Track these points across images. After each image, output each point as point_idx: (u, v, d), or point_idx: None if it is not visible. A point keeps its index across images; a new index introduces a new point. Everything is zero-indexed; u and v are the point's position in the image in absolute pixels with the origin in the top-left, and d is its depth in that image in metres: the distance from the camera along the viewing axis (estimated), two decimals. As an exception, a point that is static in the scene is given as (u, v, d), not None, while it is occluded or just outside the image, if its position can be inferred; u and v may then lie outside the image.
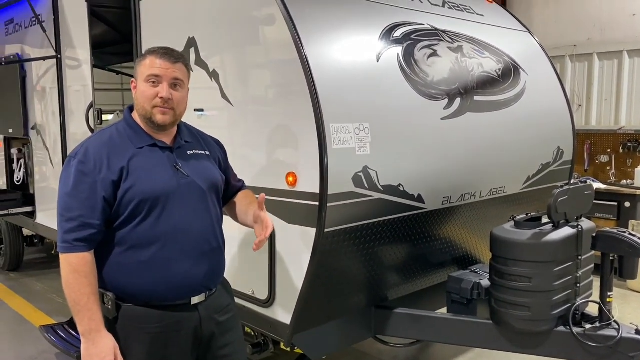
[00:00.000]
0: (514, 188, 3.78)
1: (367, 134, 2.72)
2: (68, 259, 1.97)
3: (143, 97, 2.08)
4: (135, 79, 2.13)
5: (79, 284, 1.95)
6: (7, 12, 5.67)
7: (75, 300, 1.96)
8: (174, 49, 2.16)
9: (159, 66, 2.06)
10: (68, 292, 1.97)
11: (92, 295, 1.97)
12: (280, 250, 2.82)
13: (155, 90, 2.06)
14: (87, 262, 1.98)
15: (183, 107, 2.16)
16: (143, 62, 2.10)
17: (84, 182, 1.99)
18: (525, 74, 3.96)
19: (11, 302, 5.64)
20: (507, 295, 2.88)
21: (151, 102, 2.07)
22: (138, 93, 2.10)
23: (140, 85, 2.10)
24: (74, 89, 4.73)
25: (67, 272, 1.97)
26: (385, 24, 3.15)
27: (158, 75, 2.06)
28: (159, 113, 2.07)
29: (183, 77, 2.13)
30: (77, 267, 1.96)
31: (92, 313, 1.96)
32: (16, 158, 5.92)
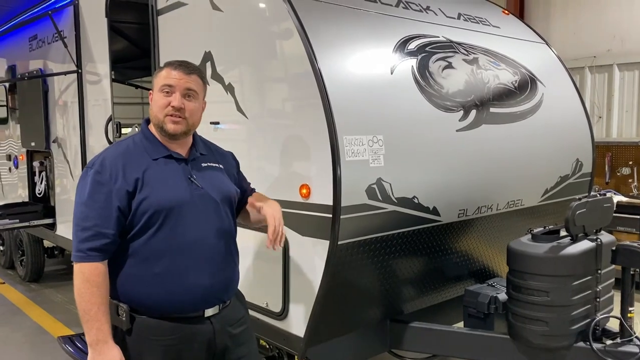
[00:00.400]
0: (532, 201, 3.73)
1: (380, 146, 2.72)
2: (81, 268, 1.98)
3: (156, 106, 2.12)
4: (152, 91, 2.17)
5: (90, 293, 1.96)
6: (32, 28, 5.81)
7: (84, 310, 1.97)
8: (189, 62, 2.19)
9: (173, 77, 2.10)
10: (79, 300, 1.98)
11: (102, 306, 1.98)
12: (293, 263, 2.81)
13: (167, 100, 2.09)
14: (99, 272, 1.99)
15: (196, 117, 2.18)
16: (159, 74, 2.14)
17: (100, 192, 2.01)
18: (542, 86, 3.93)
19: (31, 312, 5.71)
20: (524, 310, 2.84)
21: (163, 110, 2.09)
22: (152, 102, 2.14)
23: (154, 94, 2.14)
24: (94, 102, 4.82)
25: (79, 281, 1.98)
26: (400, 37, 3.16)
27: (171, 85, 2.09)
28: (170, 122, 2.10)
29: (197, 88, 2.15)
30: (89, 277, 1.97)
31: (100, 323, 1.97)
32: (38, 171, 6.03)
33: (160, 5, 3.69)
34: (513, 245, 2.93)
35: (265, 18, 2.97)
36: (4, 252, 7.48)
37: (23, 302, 6.06)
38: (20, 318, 5.56)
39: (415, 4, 3.58)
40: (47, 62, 5.59)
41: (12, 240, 7.03)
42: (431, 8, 3.68)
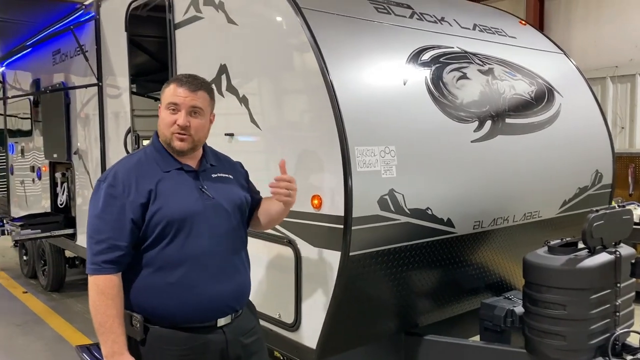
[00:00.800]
0: (550, 212, 3.67)
1: (393, 156, 2.71)
2: (96, 281, 2.01)
3: (163, 124, 2.15)
4: (160, 105, 2.20)
5: (105, 305, 1.99)
6: (55, 43, 5.95)
7: (100, 322, 1.99)
8: (197, 76, 2.21)
9: (178, 94, 2.12)
10: (94, 313, 2.01)
11: (117, 318, 2.00)
12: (305, 274, 2.81)
13: (173, 118, 2.12)
14: (114, 284, 2.01)
15: (202, 133, 2.20)
16: (166, 90, 2.16)
17: (113, 205, 2.03)
18: (560, 96, 3.89)
19: (52, 321, 5.80)
20: (541, 323, 2.78)
21: (170, 128, 2.12)
22: (159, 120, 2.18)
23: (161, 112, 2.17)
24: (114, 115, 4.90)
25: (94, 293, 2.01)
26: (413, 48, 3.16)
27: (177, 104, 2.12)
28: (176, 139, 2.13)
29: (203, 105, 2.16)
30: (104, 289, 2.00)
31: (115, 335, 1.98)
32: (60, 182, 6.14)
33: (177, 19, 3.75)
34: (529, 257, 2.88)
35: (279, 31, 3.00)
36: (27, 261, 7.62)
37: (44, 311, 6.16)
38: (41, 327, 5.65)
39: (429, 15, 3.58)
40: (69, 75, 5.72)
41: (35, 250, 7.16)
42: (446, 19, 3.67)
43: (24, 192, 7.22)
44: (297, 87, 2.91)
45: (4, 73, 7.74)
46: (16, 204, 7.53)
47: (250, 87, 3.16)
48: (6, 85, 7.72)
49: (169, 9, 3.80)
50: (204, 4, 3.44)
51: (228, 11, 3.24)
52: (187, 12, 3.62)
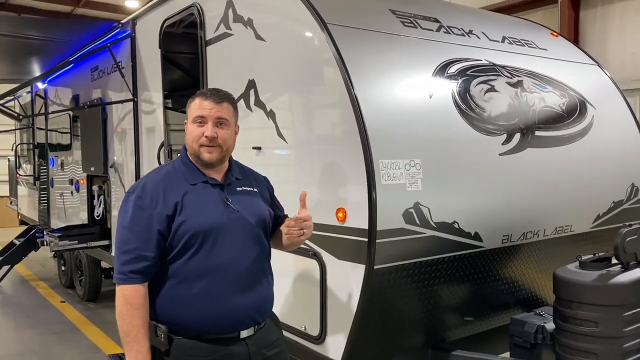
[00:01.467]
0: (582, 227, 3.59)
1: (418, 169, 2.71)
2: (123, 290, 2.06)
3: (191, 137, 2.20)
4: (186, 120, 2.25)
5: (131, 315, 2.03)
6: (93, 60, 6.16)
7: (125, 331, 2.03)
8: (220, 89, 2.27)
9: (204, 107, 2.17)
10: (120, 322, 2.05)
11: (142, 328, 2.04)
12: (330, 286, 2.82)
13: (201, 130, 2.17)
14: (140, 294, 2.05)
15: (229, 144, 2.24)
16: (192, 104, 2.22)
17: (141, 216, 2.08)
18: (593, 108, 3.82)
19: (87, 331, 5.94)
20: (572, 341, 2.72)
21: (198, 141, 2.17)
22: (187, 133, 2.22)
23: (189, 125, 2.22)
24: (148, 129, 5.04)
25: (120, 302, 2.05)
26: (440, 61, 3.17)
27: (203, 116, 2.17)
28: (205, 151, 2.17)
29: (228, 116, 2.22)
30: (131, 299, 2.04)
31: (140, 345, 2.02)
32: (97, 194, 6.31)
33: (208, 36, 3.85)
34: (559, 272, 2.83)
35: (304, 47, 3.05)
36: (65, 272, 7.84)
37: (80, 320, 6.32)
38: (77, 336, 5.79)
39: (457, 28, 3.58)
40: (107, 91, 5.91)
41: (73, 260, 7.37)
42: (474, 32, 3.66)
43: (63, 204, 7.46)
44: (323, 102, 2.94)
45: (46, 89, 8.05)
46: (55, 216, 7.77)
47: (277, 101, 3.21)
48: (48, 101, 8.02)
49: (201, 26, 3.90)
50: (234, 20, 3.52)
51: (257, 28, 3.32)
52: (217, 29, 3.72)
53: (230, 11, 3.56)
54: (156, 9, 4.71)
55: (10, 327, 6.23)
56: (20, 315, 6.65)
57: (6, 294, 7.83)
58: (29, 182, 9.31)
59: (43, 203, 8.21)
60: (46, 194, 8.13)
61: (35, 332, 5.96)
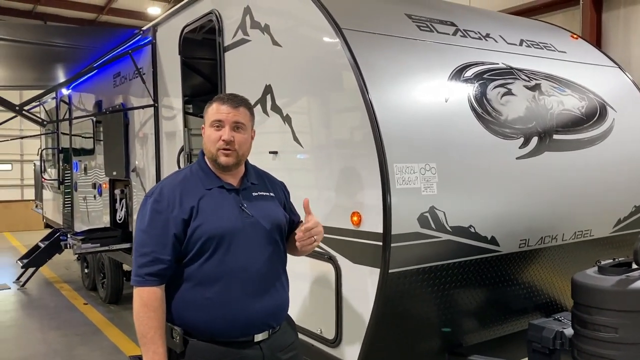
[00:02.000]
0: (603, 231, 3.54)
1: (433, 174, 2.71)
2: (140, 293, 2.08)
3: (209, 141, 2.23)
4: (204, 125, 2.28)
5: (147, 317, 2.05)
6: (115, 66, 6.29)
7: (142, 333, 2.05)
8: (237, 94, 2.30)
9: (222, 111, 2.21)
10: (137, 324, 2.07)
11: (159, 330, 2.06)
12: (346, 290, 2.83)
13: (218, 134, 2.20)
14: (157, 297, 2.08)
15: (245, 148, 2.27)
16: (209, 109, 2.25)
17: (158, 220, 2.11)
18: (613, 111, 3.77)
19: (109, 332, 6.04)
20: (591, 347, 2.68)
21: (215, 144, 2.20)
22: (205, 137, 2.25)
23: (206, 130, 2.25)
24: (169, 134, 5.11)
25: (137, 305, 2.08)
26: (456, 65, 3.16)
27: (221, 120, 2.20)
28: (222, 155, 2.20)
29: (245, 120, 2.25)
30: (147, 301, 2.06)
31: (156, 347, 2.04)
32: (119, 198, 6.43)
33: (226, 42, 3.90)
34: (578, 277, 2.79)
35: (319, 52, 3.07)
36: (88, 274, 7.98)
37: (102, 322, 6.43)
38: (99, 337, 5.90)
39: (474, 32, 3.57)
40: (128, 97, 6.02)
41: (95, 263, 7.50)
42: (491, 35, 3.65)
43: (86, 208, 7.60)
44: (338, 107, 2.96)
45: (70, 95, 8.22)
46: (79, 219, 7.92)
47: (293, 106, 3.24)
48: (72, 106, 8.19)
49: (219, 32, 3.96)
50: (251, 27, 3.57)
51: (273, 33, 3.35)
52: (235, 35, 3.77)
53: (247, 17, 3.61)
54: (176, 16, 4.79)
55: (36, 328, 6.37)
56: (45, 316, 6.79)
57: (32, 295, 8.00)
58: (53, 186, 9.51)
59: (67, 206, 8.38)
60: (70, 198, 8.30)
61: (59, 333, 6.08)
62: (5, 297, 7.93)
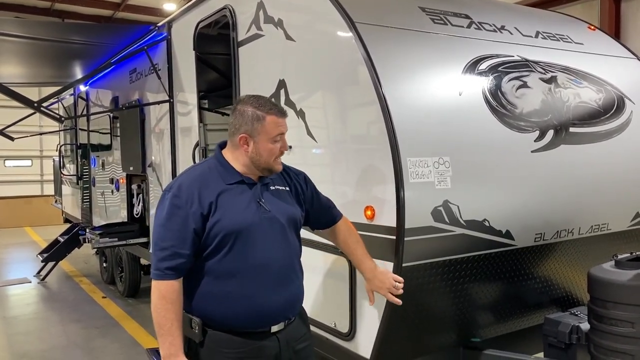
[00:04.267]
0: (620, 225, 3.50)
1: (447, 167, 2.70)
2: (158, 286, 2.13)
3: (269, 154, 2.26)
4: (251, 136, 2.24)
5: (165, 309, 2.10)
6: (131, 62, 6.34)
7: (159, 324, 2.11)
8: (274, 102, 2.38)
9: (282, 124, 2.29)
10: (155, 315, 2.13)
11: (176, 322, 2.11)
12: (360, 284, 2.83)
13: (279, 146, 2.29)
14: (174, 289, 2.13)
15: None
16: (265, 123, 2.24)
17: (177, 215, 2.15)
18: (632, 103, 3.71)
19: (127, 325, 6.13)
20: (607, 341, 2.66)
21: (274, 156, 2.28)
22: (261, 149, 2.25)
23: (264, 143, 2.25)
24: (184, 129, 5.15)
25: (156, 297, 2.13)
26: (470, 58, 3.14)
27: (284, 133, 2.30)
28: (277, 164, 2.31)
29: None
30: (165, 294, 2.11)
31: (173, 338, 2.10)
32: (135, 193, 6.49)
33: (240, 37, 3.91)
34: (594, 271, 2.77)
35: (333, 46, 3.07)
36: (106, 268, 8.09)
37: (121, 315, 6.52)
38: (117, 330, 5.99)
39: (489, 24, 3.54)
40: (144, 92, 6.08)
41: (113, 257, 7.60)
42: (506, 27, 3.61)
43: (104, 203, 7.70)
44: (351, 101, 2.96)
45: (87, 92, 8.32)
46: (97, 214, 8.03)
47: (306, 101, 3.25)
48: (89, 102, 8.28)
49: (233, 27, 3.97)
50: (265, 21, 3.58)
51: (286, 28, 3.36)
52: (249, 30, 3.78)
53: (261, 12, 3.61)
54: (190, 12, 4.81)
55: (56, 320, 6.48)
56: (65, 309, 6.91)
57: (52, 289, 8.14)
58: (72, 181, 9.64)
59: (85, 201, 8.49)
60: (88, 193, 8.41)
61: (79, 326, 6.18)
62: (26, 290, 8.09)
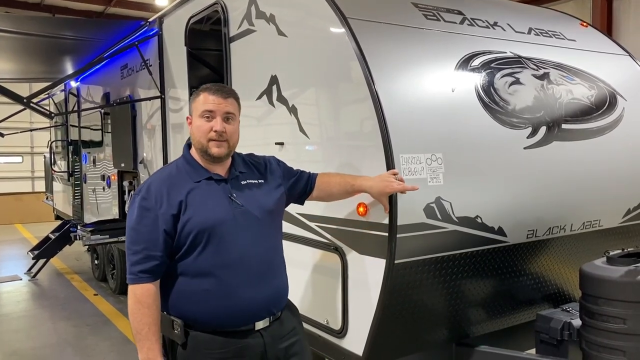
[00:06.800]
0: (611, 221, 3.51)
1: (439, 164, 2.69)
2: (134, 290, 2.10)
3: (199, 132, 2.21)
4: (190, 115, 2.27)
5: (141, 314, 2.07)
6: (123, 58, 6.29)
7: (137, 330, 2.08)
8: (225, 85, 2.28)
9: (212, 102, 2.20)
10: (132, 320, 2.10)
11: (153, 326, 2.08)
12: (352, 281, 2.83)
13: (209, 125, 2.19)
14: (150, 293, 2.09)
15: (236, 138, 2.28)
16: (197, 99, 2.24)
17: (147, 217, 2.11)
18: (624, 100, 3.72)
19: (118, 323, 6.10)
20: (598, 337, 2.67)
21: (206, 135, 2.19)
22: (194, 128, 2.23)
23: (195, 120, 2.23)
24: (176, 126, 5.12)
25: (132, 302, 2.10)
26: (462, 54, 3.13)
27: (212, 110, 2.19)
28: (214, 146, 2.19)
29: (234, 110, 2.26)
30: (141, 298, 2.08)
31: (150, 343, 2.07)
32: (127, 190, 6.45)
33: (232, 33, 3.89)
34: (586, 268, 2.77)
35: (325, 42, 3.04)
36: (98, 265, 8.05)
37: (112, 313, 6.48)
38: (109, 328, 5.95)
39: (481, 20, 3.53)
40: (136, 88, 6.03)
41: (105, 254, 7.56)
42: (499, 24, 3.61)
43: (95, 200, 7.65)
44: (343, 97, 2.94)
45: (78, 87, 8.25)
46: (89, 211, 7.97)
47: (298, 97, 3.22)
48: (80, 98, 8.22)
49: (224, 23, 3.94)
50: (256, 17, 3.55)
51: (279, 23, 3.33)
52: (240, 25, 3.75)
53: (252, 7, 3.59)
54: (182, 7, 4.78)
55: (47, 318, 6.44)
56: (56, 307, 6.87)
57: (42, 286, 8.09)
58: (63, 178, 9.57)
59: (77, 198, 8.43)
60: (80, 190, 8.35)
61: (69, 323, 6.15)
62: (17, 288, 8.03)
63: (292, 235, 3.17)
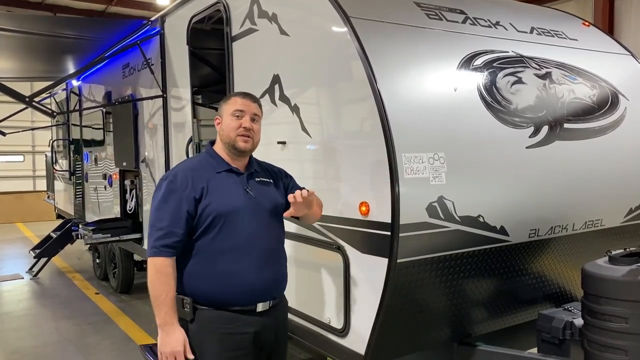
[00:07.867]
0: (614, 221, 3.51)
1: (442, 163, 2.69)
2: (154, 261, 2.33)
3: (229, 128, 2.49)
4: (220, 116, 2.56)
5: (160, 282, 2.30)
6: (124, 57, 6.29)
7: (155, 296, 2.30)
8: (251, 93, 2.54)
9: (241, 104, 2.52)
10: (151, 289, 2.32)
11: (170, 293, 2.31)
12: (354, 280, 2.83)
13: (239, 122, 2.49)
14: (169, 264, 2.33)
15: (258, 137, 2.57)
16: (228, 102, 2.55)
17: (172, 198, 2.37)
18: (626, 99, 3.72)
19: (120, 321, 6.10)
20: (600, 337, 2.67)
21: (236, 131, 2.48)
22: (224, 125, 2.52)
23: (225, 119, 2.52)
24: (177, 125, 5.12)
25: (152, 272, 2.32)
26: (465, 54, 3.13)
27: (242, 110, 2.50)
28: (241, 140, 2.48)
29: (259, 113, 2.58)
30: (161, 268, 2.31)
31: (168, 308, 2.30)
32: (129, 189, 6.46)
33: (234, 32, 3.89)
34: (588, 267, 2.77)
35: (327, 41, 3.05)
36: (99, 264, 8.05)
37: (114, 312, 6.49)
38: (110, 327, 5.96)
39: (484, 19, 3.53)
40: (137, 87, 6.03)
41: (106, 253, 7.56)
42: (501, 23, 3.61)
43: (97, 199, 7.65)
44: (346, 96, 2.95)
45: (80, 87, 8.25)
46: (90, 210, 7.98)
47: (300, 96, 3.23)
48: (82, 97, 8.22)
49: (227, 22, 3.94)
50: (259, 16, 3.55)
51: (281, 23, 3.34)
52: (243, 24, 3.75)
53: (255, 7, 3.59)
54: (184, 6, 4.78)
55: (48, 317, 6.45)
56: (58, 306, 6.88)
57: (44, 285, 8.10)
58: (64, 177, 9.58)
59: (78, 197, 8.44)
60: (81, 189, 8.36)
61: (71, 322, 6.15)
62: (18, 286, 8.03)
63: (295, 235, 3.19)
